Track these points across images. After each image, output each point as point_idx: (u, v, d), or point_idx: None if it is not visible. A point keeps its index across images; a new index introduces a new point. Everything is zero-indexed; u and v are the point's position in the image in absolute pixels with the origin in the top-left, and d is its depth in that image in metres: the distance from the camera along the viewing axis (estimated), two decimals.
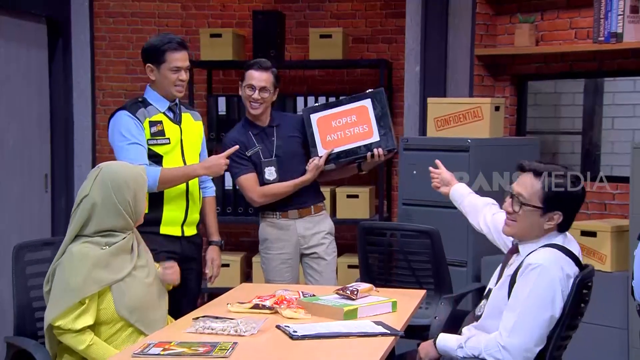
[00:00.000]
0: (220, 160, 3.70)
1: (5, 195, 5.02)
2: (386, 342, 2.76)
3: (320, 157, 4.05)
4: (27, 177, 5.29)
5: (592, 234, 4.46)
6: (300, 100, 5.52)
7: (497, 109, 4.80)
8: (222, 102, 5.62)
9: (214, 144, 5.59)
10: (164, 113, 3.74)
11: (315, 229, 4.15)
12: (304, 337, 2.77)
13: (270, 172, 4.06)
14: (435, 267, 4.00)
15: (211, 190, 4.01)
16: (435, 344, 3.00)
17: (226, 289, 3.67)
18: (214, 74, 5.97)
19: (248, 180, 4.06)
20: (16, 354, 3.06)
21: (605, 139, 5.14)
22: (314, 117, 4.09)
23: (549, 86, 5.36)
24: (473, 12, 5.20)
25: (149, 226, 3.45)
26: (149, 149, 3.66)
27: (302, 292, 3.32)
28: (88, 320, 2.93)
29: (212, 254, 3.94)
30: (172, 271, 3.25)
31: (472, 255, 4.55)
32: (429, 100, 4.95)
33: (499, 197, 4.39)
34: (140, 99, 3.76)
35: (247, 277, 5.68)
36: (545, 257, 2.82)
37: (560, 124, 5.40)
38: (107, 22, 6.00)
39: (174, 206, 3.69)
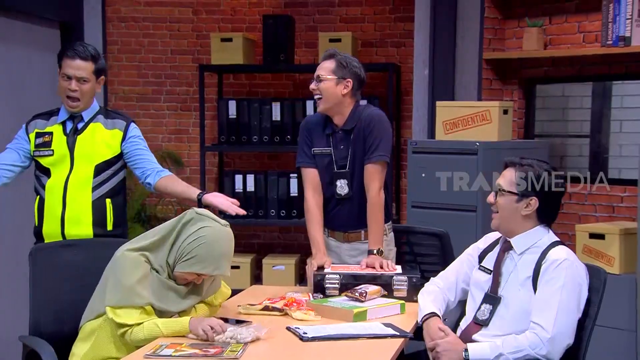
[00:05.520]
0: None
1: (17, 197, 5.05)
2: (396, 344, 2.80)
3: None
4: None
5: (601, 236, 4.48)
6: (310, 105, 5.54)
7: (505, 112, 4.82)
8: (232, 105, 5.65)
9: (224, 147, 5.65)
10: (61, 123, 3.50)
11: (360, 258, 3.57)
12: (314, 339, 2.80)
13: (341, 186, 3.57)
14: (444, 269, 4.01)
15: (166, 171, 3.59)
16: (464, 354, 2.83)
17: (237, 291, 3.67)
18: (225, 77, 6.01)
19: (308, 174, 3.59)
20: (30, 352, 3.10)
21: (613, 142, 5.14)
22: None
23: (557, 89, 5.37)
24: (481, 16, 5.22)
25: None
26: (36, 161, 3.51)
27: (312, 294, 3.35)
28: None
29: (211, 198, 3.43)
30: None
31: None
32: (438, 103, 4.98)
33: None
34: (56, 109, 3.55)
35: (257, 279, 5.71)
36: (567, 252, 2.89)
37: (569, 127, 5.42)
38: (119, 27, 6.06)
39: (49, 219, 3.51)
